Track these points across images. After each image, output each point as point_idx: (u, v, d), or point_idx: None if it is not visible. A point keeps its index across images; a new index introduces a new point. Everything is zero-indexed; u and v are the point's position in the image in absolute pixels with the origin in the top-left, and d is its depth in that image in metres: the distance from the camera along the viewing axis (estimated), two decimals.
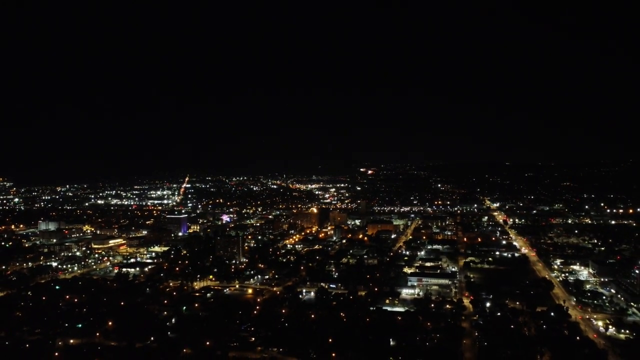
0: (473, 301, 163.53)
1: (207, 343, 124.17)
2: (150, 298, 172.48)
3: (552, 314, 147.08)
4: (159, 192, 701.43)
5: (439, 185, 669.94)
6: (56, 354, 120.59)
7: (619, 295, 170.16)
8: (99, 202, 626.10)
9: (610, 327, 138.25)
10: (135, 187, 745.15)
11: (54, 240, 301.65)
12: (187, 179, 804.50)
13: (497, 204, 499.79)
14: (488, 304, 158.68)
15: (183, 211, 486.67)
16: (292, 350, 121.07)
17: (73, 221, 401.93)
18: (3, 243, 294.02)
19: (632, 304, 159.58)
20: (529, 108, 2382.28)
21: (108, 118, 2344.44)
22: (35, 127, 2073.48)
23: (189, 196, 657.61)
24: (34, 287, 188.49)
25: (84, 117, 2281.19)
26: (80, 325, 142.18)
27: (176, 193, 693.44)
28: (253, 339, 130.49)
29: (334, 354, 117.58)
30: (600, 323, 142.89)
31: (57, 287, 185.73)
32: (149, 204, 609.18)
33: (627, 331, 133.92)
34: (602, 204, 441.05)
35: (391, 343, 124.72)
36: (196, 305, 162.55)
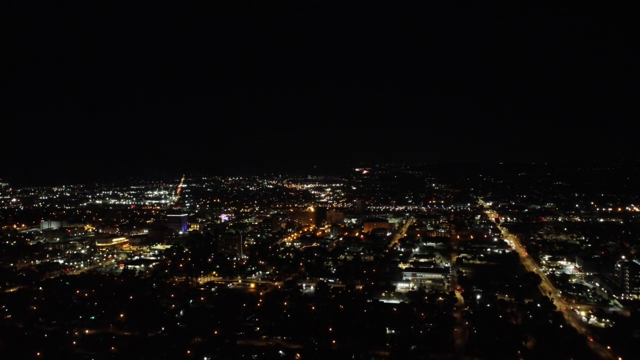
0: (464, 294, 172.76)
1: (215, 332, 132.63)
2: (158, 292, 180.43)
3: (538, 305, 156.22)
4: (155, 192, 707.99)
5: (434, 185, 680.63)
6: (74, 342, 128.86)
7: (602, 288, 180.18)
8: (97, 202, 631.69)
9: (592, 316, 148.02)
10: (132, 187, 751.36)
11: (58, 239, 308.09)
12: (183, 179, 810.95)
13: (490, 203, 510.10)
14: (478, 297, 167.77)
15: (182, 210, 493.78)
16: (295, 338, 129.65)
17: (73, 220, 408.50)
18: (7, 242, 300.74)
19: (614, 296, 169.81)
20: (525, 108, 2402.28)
21: (103, 118, 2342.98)
22: (30, 127, 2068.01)
23: (186, 196, 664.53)
24: (44, 283, 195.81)
25: (79, 117, 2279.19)
26: (93, 318, 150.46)
27: (173, 193, 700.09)
28: (258, 328, 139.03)
29: (334, 341, 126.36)
30: (583, 313, 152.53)
31: (66, 283, 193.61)
32: (147, 203, 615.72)
33: (608, 320, 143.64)
34: (592, 203, 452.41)
35: (387, 332, 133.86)
36: (202, 298, 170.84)
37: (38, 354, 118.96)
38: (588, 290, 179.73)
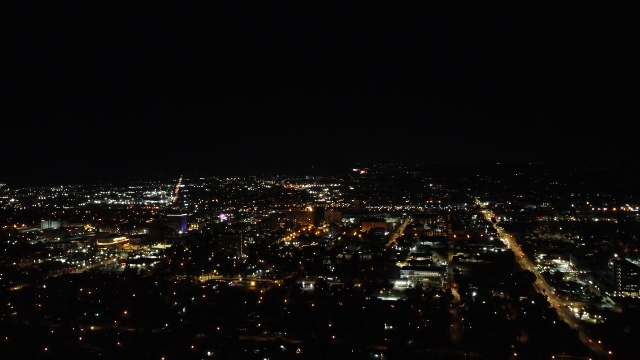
0: (461, 291, 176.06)
1: (218, 328, 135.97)
2: (160, 290, 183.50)
3: (533, 302, 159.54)
4: (154, 193, 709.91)
5: (431, 185, 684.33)
6: (80, 338, 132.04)
7: (596, 286, 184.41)
8: (96, 202, 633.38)
9: (584, 313, 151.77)
10: (130, 187, 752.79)
11: (59, 239, 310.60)
12: (181, 179, 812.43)
13: (487, 203, 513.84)
14: (474, 294, 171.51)
15: (181, 210, 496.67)
16: (295, 334, 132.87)
17: (73, 220, 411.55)
18: (9, 242, 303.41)
19: (606, 293, 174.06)
20: (522, 109, 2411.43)
21: (100, 119, 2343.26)
22: (27, 128, 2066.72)
23: (185, 196, 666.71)
24: (48, 281, 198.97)
25: (76, 118, 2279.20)
26: (97, 315, 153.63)
27: (171, 193, 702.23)
28: (259, 325, 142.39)
29: (334, 337, 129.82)
30: (576, 310, 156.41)
31: (70, 282, 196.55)
32: (145, 204, 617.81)
33: (600, 316, 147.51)
34: (587, 203, 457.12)
35: (385, 328, 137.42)
36: (204, 296, 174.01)
37: (46, 349, 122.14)
38: (582, 288, 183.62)
